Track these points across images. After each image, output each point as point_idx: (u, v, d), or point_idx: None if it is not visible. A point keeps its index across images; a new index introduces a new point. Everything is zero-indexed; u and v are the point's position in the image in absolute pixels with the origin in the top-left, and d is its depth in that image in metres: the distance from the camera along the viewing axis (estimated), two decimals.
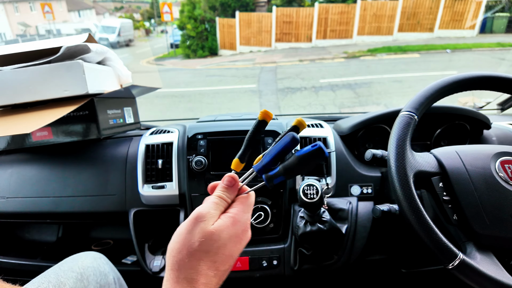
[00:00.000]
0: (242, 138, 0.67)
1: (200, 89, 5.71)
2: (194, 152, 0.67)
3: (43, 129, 0.69)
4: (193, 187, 0.67)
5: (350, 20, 9.08)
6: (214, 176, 0.68)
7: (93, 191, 0.72)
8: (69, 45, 0.61)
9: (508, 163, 0.50)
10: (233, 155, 0.71)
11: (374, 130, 0.78)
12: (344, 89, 4.92)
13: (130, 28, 12.75)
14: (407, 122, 0.50)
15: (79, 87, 0.61)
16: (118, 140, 0.80)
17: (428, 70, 5.87)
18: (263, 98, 4.76)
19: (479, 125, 0.79)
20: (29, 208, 0.73)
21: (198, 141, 0.68)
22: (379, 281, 0.85)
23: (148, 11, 18.79)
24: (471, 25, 8.54)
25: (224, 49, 9.88)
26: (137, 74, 6.48)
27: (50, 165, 0.75)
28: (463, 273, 0.42)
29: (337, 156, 0.71)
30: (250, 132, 0.38)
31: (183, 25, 9.85)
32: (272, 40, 9.42)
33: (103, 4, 20.24)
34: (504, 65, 5.77)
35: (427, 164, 0.51)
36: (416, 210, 0.45)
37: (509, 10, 7.97)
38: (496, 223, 0.47)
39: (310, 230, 0.61)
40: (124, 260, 0.78)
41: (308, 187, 0.57)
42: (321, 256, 0.68)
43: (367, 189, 0.70)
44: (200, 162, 0.65)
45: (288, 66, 7.29)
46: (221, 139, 0.68)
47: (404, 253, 0.73)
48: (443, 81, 0.53)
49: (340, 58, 7.62)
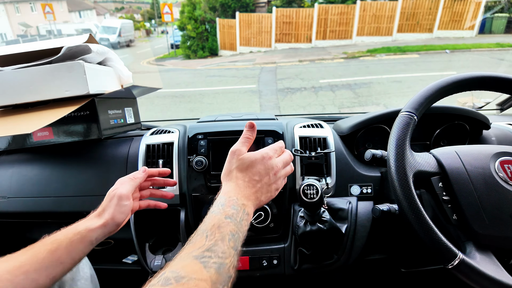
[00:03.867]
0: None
1: (201, 89, 5.71)
2: (194, 152, 0.67)
3: (44, 129, 0.70)
4: (194, 187, 0.67)
5: (349, 20, 9.10)
6: (214, 176, 0.68)
7: (94, 191, 0.73)
8: (70, 45, 0.61)
9: (507, 163, 0.50)
10: None
11: (373, 130, 0.78)
12: (344, 89, 4.92)
13: (131, 28, 12.77)
14: (406, 122, 0.51)
15: (80, 88, 0.62)
16: (119, 140, 0.80)
17: (428, 70, 5.87)
18: (263, 98, 4.76)
19: (478, 125, 0.79)
20: (30, 208, 0.73)
21: (199, 141, 0.68)
22: (378, 280, 0.85)
23: (148, 12, 18.81)
24: (470, 26, 8.55)
25: (224, 49, 9.88)
26: (137, 75, 6.47)
27: (51, 165, 0.75)
28: (463, 273, 0.43)
29: (337, 156, 0.71)
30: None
31: (183, 25, 9.86)
32: (272, 41, 9.43)
33: (103, 4, 20.26)
34: (503, 66, 5.78)
35: (426, 164, 0.51)
36: (416, 210, 0.45)
37: (508, 10, 7.98)
38: (495, 223, 0.47)
39: (310, 230, 0.61)
40: (125, 259, 0.78)
41: (308, 187, 0.57)
42: (321, 255, 0.68)
43: (367, 189, 0.71)
44: (201, 162, 0.65)
45: (288, 66, 7.30)
46: (221, 139, 0.68)
47: (403, 252, 0.73)
48: (442, 82, 0.53)
49: (340, 59, 7.62)
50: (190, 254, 0.34)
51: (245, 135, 0.49)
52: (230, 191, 0.43)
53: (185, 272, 0.31)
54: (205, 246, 0.35)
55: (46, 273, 0.42)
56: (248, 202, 0.43)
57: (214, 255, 0.34)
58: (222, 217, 0.39)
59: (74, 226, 0.48)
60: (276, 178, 0.47)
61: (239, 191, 0.44)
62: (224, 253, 0.35)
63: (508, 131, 0.82)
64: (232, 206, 0.41)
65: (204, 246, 0.35)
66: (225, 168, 0.47)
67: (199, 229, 0.38)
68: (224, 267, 0.34)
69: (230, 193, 0.43)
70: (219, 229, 0.37)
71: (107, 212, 0.49)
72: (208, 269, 0.32)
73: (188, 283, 0.30)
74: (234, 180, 0.45)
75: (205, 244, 0.35)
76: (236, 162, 0.46)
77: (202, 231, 0.37)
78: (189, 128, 0.71)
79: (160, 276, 0.31)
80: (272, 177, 0.47)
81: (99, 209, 0.51)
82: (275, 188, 0.47)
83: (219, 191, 0.44)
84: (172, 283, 0.30)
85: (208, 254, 0.34)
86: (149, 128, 0.87)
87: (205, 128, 0.70)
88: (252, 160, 0.46)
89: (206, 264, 0.33)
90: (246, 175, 0.45)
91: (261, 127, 0.68)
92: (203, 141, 0.68)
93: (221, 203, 0.41)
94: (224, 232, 0.37)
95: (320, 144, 0.71)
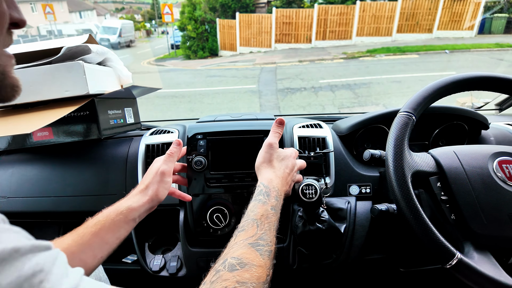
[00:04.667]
0: (242, 138, 0.68)
1: (201, 89, 5.71)
2: (194, 152, 0.67)
3: (44, 129, 0.70)
4: (193, 186, 0.67)
5: (349, 21, 9.10)
6: (213, 176, 0.68)
7: (93, 191, 0.73)
8: (70, 45, 0.61)
9: (505, 163, 0.50)
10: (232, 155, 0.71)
11: (372, 130, 0.78)
12: (343, 89, 4.93)
13: (131, 29, 12.78)
14: (405, 122, 0.51)
15: (79, 88, 0.62)
16: (118, 140, 0.80)
17: (427, 70, 5.88)
18: (263, 98, 4.77)
19: (477, 125, 0.79)
20: (30, 208, 0.73)
21: (198, 141, 0.68)
22: (377, 280, 0.85)
23: (149, 12, 18.83)
24: (470, 26, 8.56)
25: (224, 50, 9.89)
26: (137, 75, 6.49)
27: (51, 165, 0.76)
28: (461, 272, 0.43)
29: (336, 156, 0.72)
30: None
31: (183, 26, 9.87)
32: (272, 41, 9.43)
33: (104, 5, 20.27)
34: (502, 66, 5.79)
35: (425, 164, 0.52)
36: (414, 209, 0.45)
37: (508, 10, 7.99)
38: (493, 222, 0.47)
39: (309, 230, 0.61)
40: (125, 259, 0.78)
41: (307, 186, 0.57)
42: (319, 255, 0.68)
43: (366, 189, 0.71)
44: (200, 162, 0.65)
45: (288, 66, 7.30)
46: (220, 139, 0.69)
47: (402, 252, 0.73)
48: (441, 82, 0.54)
49: (340, 59, 7.63)
50: (245, 241, 0.39)
51: (275, 130, 0.56)
52: (272, 179, 0.50)
53: (246, 259, 0.36)
54: (257, 235, 0.41)
55: (93, 254, 0.44)
56: (283, 193, 0.51)
57: (265, 243, 0.40)
58: (268, 207, 0.45)
59: (115, 206, 0.49)
60: (294, 177, 0.55)
61: (278, 180, 0.50)
62: (271, 242, 0.41)
63: (507, 131, 0.82)
64: (275, 196, 0.47)
65: (256, 235, 0.41)
66: (262, 158, 0.53)
67: (249, 217, 0.43)
68: (272, 253, 0.40)
69: (273, 182, 0.49)
70: (267, 219, 0.43)
71: (150, 188, 0.51)
72: (263, 256, 0.38)
73: (251, 269, 0.35)
74: (273, 169, 0.52)
75: (257, 233, 0.41)
76: (274, 153, 0.53)
77: (252, 219, 0.43)
78: (188, 128, 0.71)
79: (223, 262, 0.36)
80: (294, 175, 0.55)
81: (141, 186, 0.52)
82: (292, 186, 0.55)
83: (257, 180, 0.51)
84: (238, 269, 0.35)
85: (261, 242, 0.40)
86: (149, 128, 0.87)
87: (205, 128, 0.70)
88: (285, 154, 0.54)
89: (261, 252, 0.39)
90: (282, 165, 0.52)
91: (260, 127, 0.68)
92: (202, 141, 0.68)
93: (266, 193, 0.47)
94: (271, 223, 0.44)
95: (319, 144, 0.72)
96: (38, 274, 0.22)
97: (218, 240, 0.68)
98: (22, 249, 0.22)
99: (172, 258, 0.71)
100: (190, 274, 0.69)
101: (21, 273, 0.21)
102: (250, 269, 0.35)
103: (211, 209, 0.67)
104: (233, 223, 0.68)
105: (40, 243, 0.24)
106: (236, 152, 0.67)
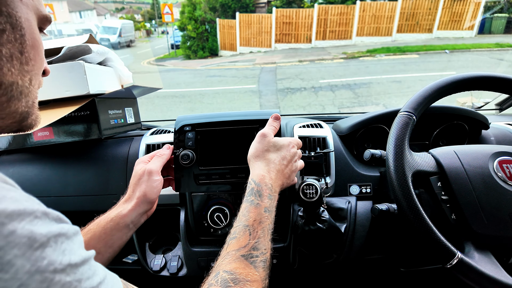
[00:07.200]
0: (234, 129, 0.63)
1: (201, 89, 5.71)
2: (181, 145, 0.62)
3: (45, 129, 0.70)
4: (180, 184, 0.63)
5: (349, 21, 9.11)
6: (202, 172, 0.62)
7: (94, 191, 0.73)
8: (71, 45, 0.61)
9: (506, 162, 0.50)
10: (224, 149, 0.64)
11: (373, 130, 0.78)
12: (344, 89, 4.93)
13: (131, 29, 12.78)
14: (405, 122, 0.51)
15: (80, 88, 0.62)
16: (119, 140, 0.80)
17: (427, 70, 5.88)
18: (263, 98, 4.77)
19: (477, 125, 0.79)
20: None
21: (186, 133, 0.62)
22: (377, 280, 0.85)
23: (149, 12, 18.83)
24: (470, 26, 8.56)
25: (224, 49, 9.89)
26: (138, 75, 6.49)
27: (51, 165, 0.76)
28: (461, 272, 0.43)
29: (336, 156, 0.72)
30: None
31: (183, 26, 9.87)
32: (272, 41, 9.44)
33: (104, 5, 20.27)
34: (502, 66, 5.79)
35: (425, 163, 0.52)
36: (415, 209, 0.45)
37: (508, 10, 7.99)
38: (494, 222, 0.47)
39: (309, 229, 0.61)
40: (125, 259, 0.78)
41: (307, 186, 0.57)
42: (320, 255, 0.68)
43: (366, 189, 0.71)
44: (187, 156, 0.59)
45: (288, 66, 7.30)
46: (211, 131, 0.63)
47: (402, 252, 0.73)
48: (441, 82, 0.54)
49: (340, 59, 7.63)
50: (237, 253, 0.37)
51: (271, 124, 0.54)
52: (264, 175, 0.46)
53: (240, 274, 0.34)
54: (250, 244, 0.38)
55: None
56: (278, 187, 0.47)
57: (260, 253, 0.38)
58: (261, 210, 0.42)
59: (107, 214, 0.48)
60: (294, 167, 0.52)
61: (271, 175, 0.47)
62: (266, 249, 0.39)
63: (507, 131, 0.82)
64: (268, 195, 0.44)
65: (249, 244, 0.38)
66: (255, 149, 0.50)
67: (241, 222, 0.41)
68: (267, 261, 0.38)
69: (265, 179, 0.46)
70: (260, 225, 0.40)
71: (137, 190, 0.49)
72: (257, 269, 0.36)
73: (245, 286, 0.33)
74: (266, 162, 0.48)
75: (250, 243, 0.38)
76: (267, 143, 0.50)
77: (244, 226, 0.40)
78: (176, 120, 0.66)
79: (215, 275, 0.34)
80: (293, 165, 0.51)
81: (128, 191, 0.50)
82: (293, 177, 0.52)
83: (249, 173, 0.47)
84: (231, 285, 0.33)
85: (254, 253, 0.37)
86: (149, 128, 0.87)
87: (193, 119, 0.65)
88: (281, 144, 0.50)
89: (255, 264, 0.37)
90: (278, 156, 0.49)
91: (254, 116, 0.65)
92: (191, 133, 0.63)
93: (258, 192, 0.44)
94: (264, 228, 0.41)
95: (320, 144, 0.72)
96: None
97: (219, 240, 0.68)
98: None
99: (172, 258, 0.71)
100: (190, 274, 0.69)
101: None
102: (244, 286, 0.33)
103: (212, 209, 0.67)
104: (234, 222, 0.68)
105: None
106: (228, 145, 0.63)
